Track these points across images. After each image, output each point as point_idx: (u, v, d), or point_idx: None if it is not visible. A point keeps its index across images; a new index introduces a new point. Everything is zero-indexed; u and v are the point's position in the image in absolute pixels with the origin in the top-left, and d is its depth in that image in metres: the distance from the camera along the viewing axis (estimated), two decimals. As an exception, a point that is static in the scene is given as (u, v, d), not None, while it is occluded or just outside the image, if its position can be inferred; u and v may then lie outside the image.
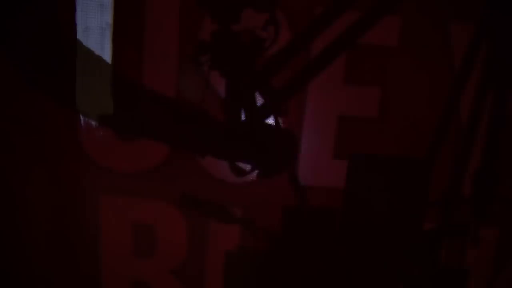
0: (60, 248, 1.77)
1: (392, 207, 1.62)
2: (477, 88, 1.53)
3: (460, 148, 1.58)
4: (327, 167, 1.63)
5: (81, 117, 1.63)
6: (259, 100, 1.60)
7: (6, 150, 1.67)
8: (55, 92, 1.48)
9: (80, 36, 1.53)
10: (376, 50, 1.54)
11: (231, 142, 1.53)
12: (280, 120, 1.60)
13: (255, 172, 1.54)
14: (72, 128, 1.63)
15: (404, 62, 1.54)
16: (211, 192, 1.67)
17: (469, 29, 1.49)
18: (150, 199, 1.70)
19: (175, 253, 1.76)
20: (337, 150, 1.62)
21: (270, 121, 1.60)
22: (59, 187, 1.71)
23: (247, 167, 1.64)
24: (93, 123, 1.63)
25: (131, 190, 1.69)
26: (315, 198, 1.65)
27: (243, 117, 1.60)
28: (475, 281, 1.70)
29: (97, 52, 1.55)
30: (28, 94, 1.58)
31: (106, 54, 1.55)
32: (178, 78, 1.59)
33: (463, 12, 1.50)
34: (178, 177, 1.67)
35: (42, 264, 1.79)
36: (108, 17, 1.52)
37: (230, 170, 1.64)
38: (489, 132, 1.54)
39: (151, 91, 1.57)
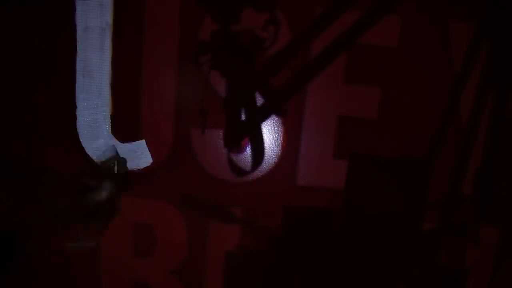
0: (59, 248, 1.77)
1: (392, 207, 1.62)
2: (477, 88, 1.53)
3: (460, 148, 1.58)
4: (327, 167, 1.63)
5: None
6: (259, 100, 1.60)
7: (6, 150, 1.67)
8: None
9: (80, 36, 1.53)
10: (376, 50, 1.54)
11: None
12: (280, 120, 1.60)
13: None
14: (72, 128, 1.63)
15: (404, 62, 1.54)
16: (211, 192, 1.67)
17: (469, 29, 1.49)
18: (150, 199, 1.69)
19: (175, 253, 1.76)
20: (337, 150, 1.62)
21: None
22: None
23: (247, 167, 1.65)
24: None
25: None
26: (315, 198, 1.66)
27: (243, 117, 1.60)
28: (475, 281, 1.70)
29: (97, 52, 1.55)
30: (27, 94, 1.58)
31: (106, 54, 1.55)
32: (178, 78, 1.59)
33: (463, 12, 1.50)
34: (178, 177, 1.66)
35: (41, 263, 1.78)
36: (108, 17, 1.52)
37: (230, 170, 1.65)
38: (489, 132, 1.54)
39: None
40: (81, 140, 1.64)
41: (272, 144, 1.62)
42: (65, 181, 0.91)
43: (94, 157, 1.02)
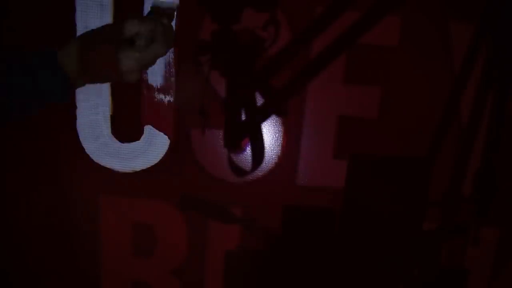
0: (60, 248, 1.77)
1: (392, 207, 1.62)
2: (477, 88, 1.53)
3: (460, 148, 1.58)
4: (327, 167, 1.63)
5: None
6: (259, 100, 1.60)
7: (6, 150, 1.67)
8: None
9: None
10: (376, 50, 1.54)
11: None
12: (280, 120, 1.60)
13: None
14: (72, 128, 1.63)
15: (405, 62, 1.54)
16: (211, 192, 1.67)
17: (469, 29, 1.49)
18: (150, 199, 1.70)
19: (175, 253, 1.76)
20: (337, 150, 1.62)
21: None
22: (59, 187, 1.71)
23: (247, 167, 1.65)
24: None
25: (131, 190, 1.69)
26: (315, 198, 1.66)
27: (243, 117, 1.60)
28: (475, 281, 1.70)
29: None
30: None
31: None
32: (178, 78, 1.59)
33: (463, 12, 1.50)
34: (178, 177, 1.67)
35: (42, 264, 1.79)
36: (108, 17, 1.52)
37: (230, 170, 1.65)
38: (489, 132, 1.54)
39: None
40: (81, 140, 1.64)
41: (272, 144, 1.62)
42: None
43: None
